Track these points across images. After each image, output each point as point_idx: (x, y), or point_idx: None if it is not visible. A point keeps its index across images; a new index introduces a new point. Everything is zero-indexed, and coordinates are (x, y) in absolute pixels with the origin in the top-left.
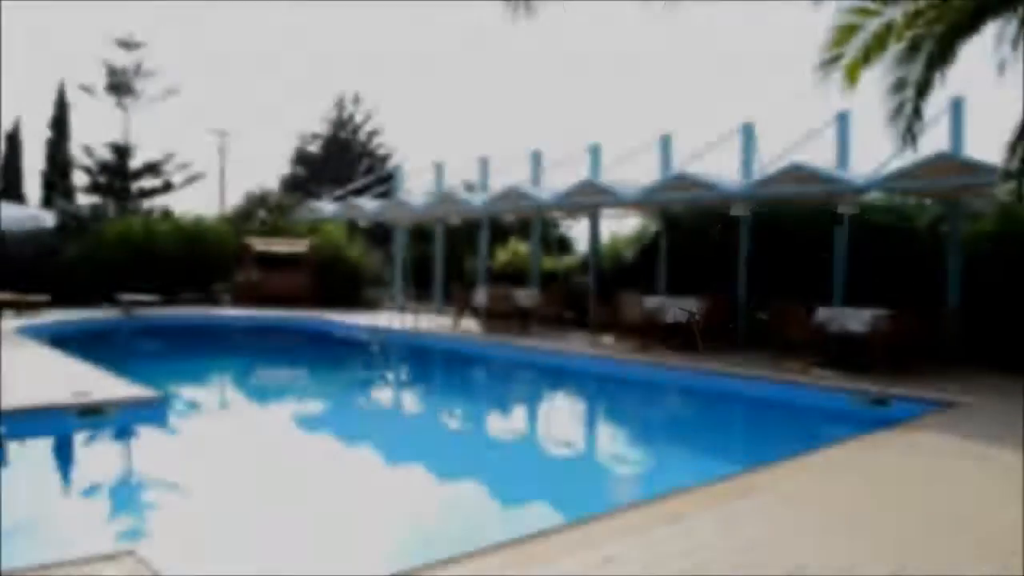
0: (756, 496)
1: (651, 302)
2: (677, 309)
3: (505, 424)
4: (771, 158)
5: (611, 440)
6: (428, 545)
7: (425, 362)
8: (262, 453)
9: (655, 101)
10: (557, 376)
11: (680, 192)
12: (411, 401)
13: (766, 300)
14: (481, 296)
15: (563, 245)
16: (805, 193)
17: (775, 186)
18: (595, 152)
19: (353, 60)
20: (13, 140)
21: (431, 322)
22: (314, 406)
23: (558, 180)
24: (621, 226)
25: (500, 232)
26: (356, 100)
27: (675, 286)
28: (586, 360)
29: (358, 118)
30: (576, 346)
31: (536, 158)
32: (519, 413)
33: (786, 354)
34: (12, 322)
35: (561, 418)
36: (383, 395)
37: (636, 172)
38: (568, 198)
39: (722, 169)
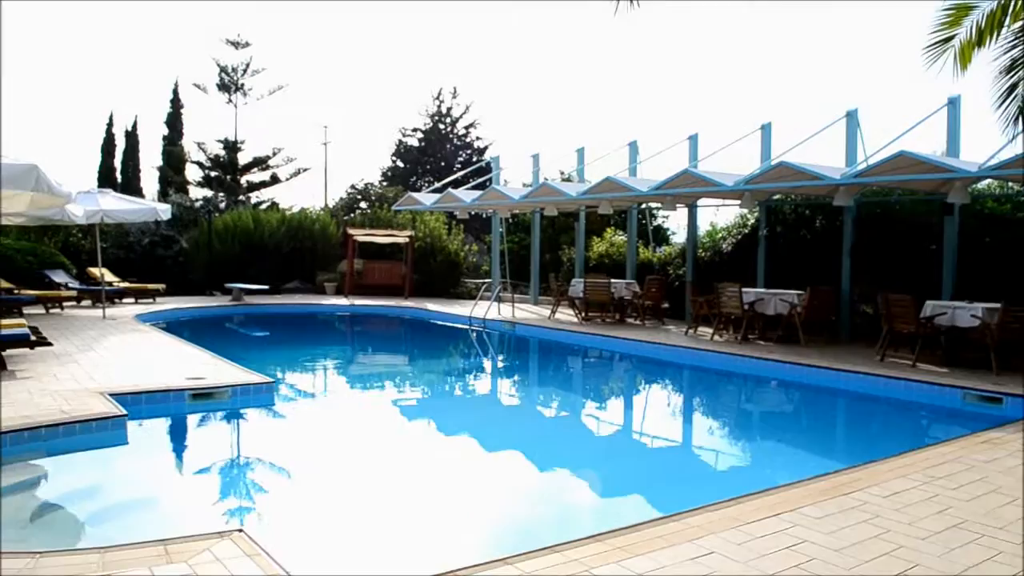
0: (862, 493)
1: (751, 294)
2: (778, 301)
3: (601, 414)
4: (876, 146)
5: (708, 434)
6: (523, 533)
7: (522, 352)
8: (363, 438)
9: (756, 90)
10: (654, 367)
11: (781, 181)
12: (508, 390)
13: (871, 292)
14: (578, 287)
15: (660, 236)
16: (913, 182)
17: (881, 175)
18: (694, 142)
19: (452, 53)
20: (131, 137)
21: (527, 312)
22: (413, 393)
23: (656, 170)
24: (720, 216)
25: (597, 222)
26: (454, 93)
27: (776, 277)
28: (684, 352)
29: (456, 111)
30: (673, 338)
31: (634, 148)
32: (615, 404)
33: (892, 348)
34: (131, 308)
35: (658, 410)
36: (480, 384)
37: (736, 162)
38: (666, 188)
39: (825, 157)
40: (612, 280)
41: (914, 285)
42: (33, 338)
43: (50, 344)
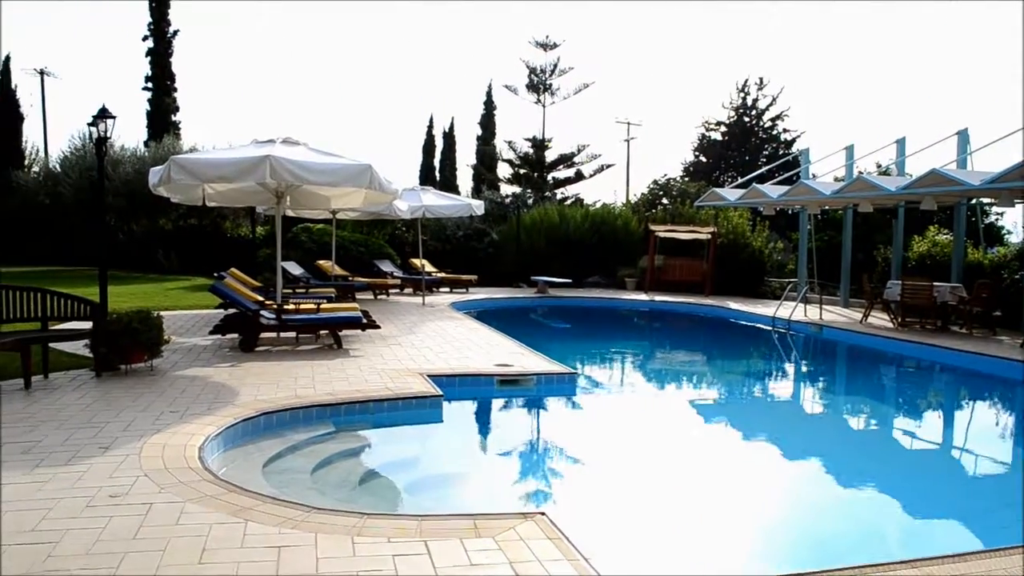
0: None
1: None
2: None
3: (916, 429)
4: None
5: None
6: (821, 548)
7: (829, 357)
8: (661, 434)
9: None
10: (981, 382)
11: None
12: (812, 396)
13: None
14: (894, 289)
15: (993, 235)
16: None
17: None
18: None
19: (758, 43)
20: (449, 138)
21: (836, 315)
22: (712, 393)
23: (989, 161)
24: None
25: (917, 219)
26: (760, 84)
27: None
28: (1019, 368)
29: (762, 103)
30: (1006, 350)
31: (963, 137)
32: (932, 419)
33: None
34: (447, 297)
35: (984, 431)
36: (782, 388)
37: None
38: (1002, 182)
39: None
40: (935, 283)
41: None
42: (364, 321)
43: (378, 327)
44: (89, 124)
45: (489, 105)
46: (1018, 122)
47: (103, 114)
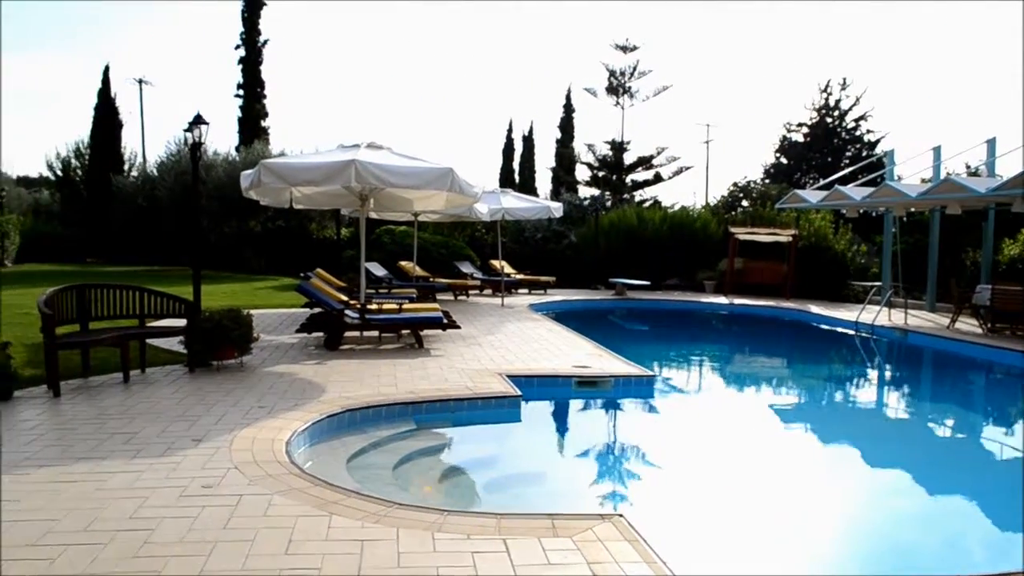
0: None
1: None
2: None
3: (1005, 440)
4: None
5: None
6: (904, 557)
7: (914, 362)
8: (739, 439)
9: None
10: None
11: None
12: (896, 403)
13: None
14: (984, 294)
15: None
16: None
17: None
18: None
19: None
20: (528, 141)
21: (922, 320)
22: (792, 398)
23: None
24: None
25: (1009, 222)
26: (843, 84)
27: None
28: None
29: (844, 103)
30: None
31: None
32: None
33: None
34: (525, 299)
35: None
36: (865, 394)
37: None
38: None
39: None
40: None
41: None
42: (445, 321)
43: (458, 327)
44: (184, 130)
45: (568, 108)
46: None
47: (197, 120)
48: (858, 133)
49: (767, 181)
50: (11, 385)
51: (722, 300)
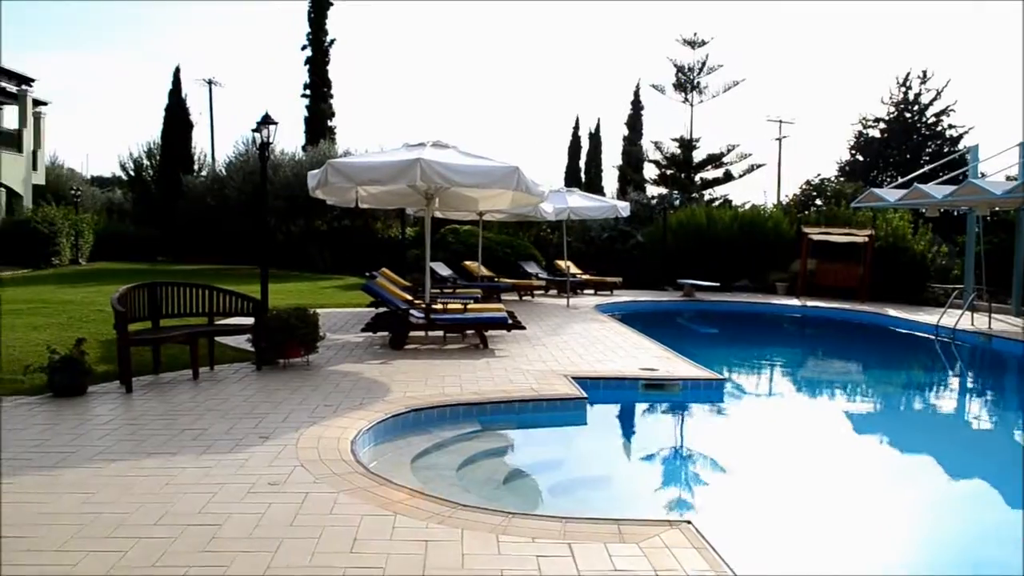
0: None
1: None
2: None
3: None
4: None
5: None
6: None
7: (997, 369)
8: (812, 444)
9: None
10: None
11: None
12: (977, 412)
13: None
14: None
15: None
16: None
17: None
18: None
19: (922, 34)
20: (594, 139)
21: (1007, 324)
22: (867, 404)
23: None
24: None
25: None
26: (923, 78)
27: None
28: None
29: (925, 97)
30: None
31: None
32: None
33: None
34: (591, 299)
35: None
36: (944, 402)
37: None
38: None
39: None
40: None
41: None
42: (510, 321)
43: (523, 328)
44: (253, 130)
45: (636, 105)
46: None
47: (265, 120)
48: (939, 128)
49: (842, 179)
50: (86, 381)
51: (794, 302)
